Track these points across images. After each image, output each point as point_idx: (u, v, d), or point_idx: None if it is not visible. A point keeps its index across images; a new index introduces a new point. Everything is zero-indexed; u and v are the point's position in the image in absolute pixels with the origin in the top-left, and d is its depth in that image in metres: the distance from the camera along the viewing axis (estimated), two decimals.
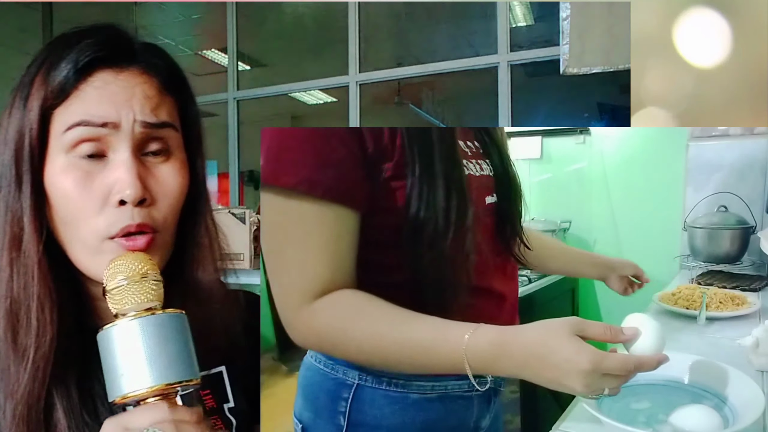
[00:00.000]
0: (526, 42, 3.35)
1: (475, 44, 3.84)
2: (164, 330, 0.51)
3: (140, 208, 0.56)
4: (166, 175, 0.58)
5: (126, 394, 0.50)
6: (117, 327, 0.51)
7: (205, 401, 0.66)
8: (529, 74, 3.41)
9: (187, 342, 0.52)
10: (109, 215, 0.55)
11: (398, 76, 3.66)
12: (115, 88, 0.56)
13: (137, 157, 0.56)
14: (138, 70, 0.58)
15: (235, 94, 3.86)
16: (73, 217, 0.56)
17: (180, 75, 0.63)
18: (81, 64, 0.55)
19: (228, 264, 0.68)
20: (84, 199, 0.55)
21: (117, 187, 0.55)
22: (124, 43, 0.59)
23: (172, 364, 0.50)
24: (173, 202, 0.59)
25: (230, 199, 3.88)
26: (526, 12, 3.85)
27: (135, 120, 0.56)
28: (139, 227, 0.56)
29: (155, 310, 0.52)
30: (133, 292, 0.52)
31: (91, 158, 0.55)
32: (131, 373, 0.50)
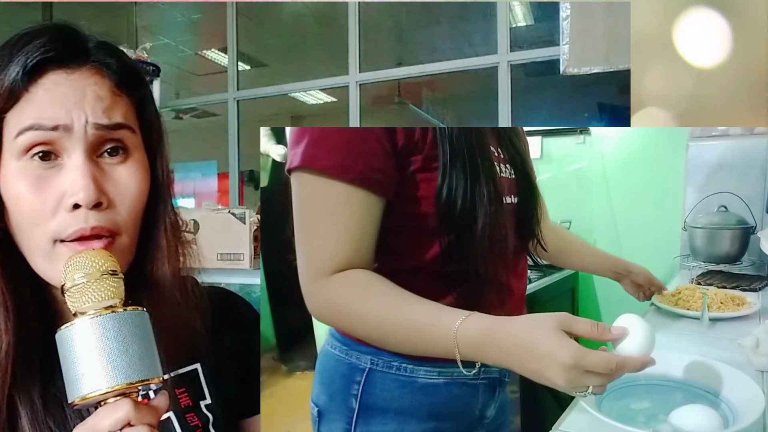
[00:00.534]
0: (526, 42, 3.35)
1: (475, 44, 3.84)
2: (124, 328, 0.49)
3: (95, 212, 0.54)
4: (123, 177, 0.57)
5: (85, 395, 0.48)
6: (75, 326, 0.49)
7: (180, 399, 0.65)
8: (529, 74, 3.41)
9: (149, 340, 0.51)
10: (62, 219, 0.54)
11: (398, 76, 3.66)
12: (66, 89, 0.54)
13: (92, 160, 0.55)
14: (90, 70, 0.56)
15: (235, 94, 3.86)
16: (27, 222, 0.55)
17: (136, 74, 0.61)
18: (30, 65, 0.53)
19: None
20: (37, 203, 0.54)
21: (70, 191, 0.53)
22: (77, 43, 0.57)
23: (133, 363, 0.49)
24: (132, 204, 0.57)
25: (230, 199, 3.88)
26: (526, 12, 3.85)
27: (87, 122, 0.54)
28: (93, 231, 0.54)
29: (115, 308, 0.50)
30: (92, 290, 0.50)
31: (44, 161, 0.54)
32: (90, 373, 0.48)
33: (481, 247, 0.80)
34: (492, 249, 0.82)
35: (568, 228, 2.70)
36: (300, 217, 0.79)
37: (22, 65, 0.53)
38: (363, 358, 0.85)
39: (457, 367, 0.83)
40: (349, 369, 0.86)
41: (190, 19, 4.78)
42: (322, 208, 0.76)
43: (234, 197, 3.89)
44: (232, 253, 2.30)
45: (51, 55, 0.54)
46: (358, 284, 0.75)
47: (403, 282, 0.75)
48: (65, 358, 0.49)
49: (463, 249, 0.80)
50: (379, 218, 0.78)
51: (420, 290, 0.74)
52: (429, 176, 0.79)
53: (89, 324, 0.49)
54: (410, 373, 0.84)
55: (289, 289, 0.78)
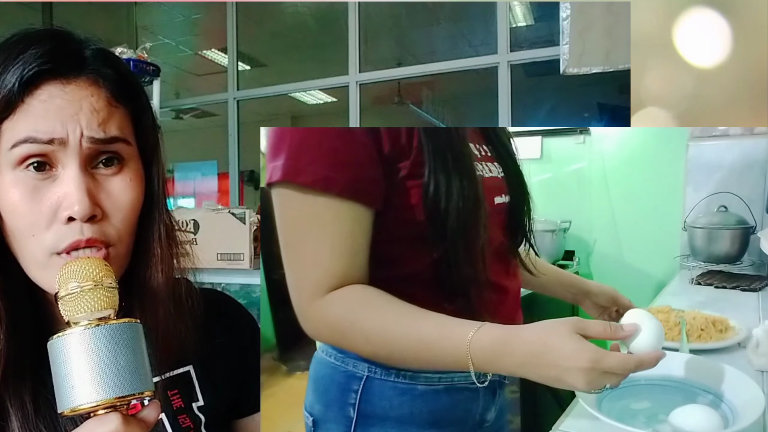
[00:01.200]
0: (526, 42, 3.35)
1: (475, 44, 3.84)
2: (117, 341, 0.49)
3: (90, 224, 0.54)
4: (118, 189, 0.57)
5: (74, 407, 0.48)
6: (67, 337, 0.49)
7: (173, 401, 0.66)
8: (529, 74, 3.40)
9: (141, 352, 0.51)
10: (57, 231, 0.54)
11: (398, 76, 3.66)
12: (62, 102, 0.54)
13: (86, 171, 0.55)
14: (86, 81, 0.56)
15: (235, 94, 3.86)
16: (22, 232, 0.54)
17: (133, 83, 0.60)
18: (26, 77, 0.53)
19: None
20: (32, 214, 0.54)
21: (65, 203, 0.53)
22: (73, 52, 0.56)
23: (124, 377, 0.48)
24: (126, 215, 0.57)
25: (230, 199, 3.88)
26: (526, 12, 3.85)
27: (83, 135, 0.54)
28: (88, 242, 0.54)
29: (108, 319, 0.50)
30: (86, 300, 0.50)
31: (39, 172, 0.54)
32: (81, 385, 0.48)
33: (475, 250, 0.79)
34: (485, 251, 0.80)
35: (568, 228, 2.70)
36: (287, 235, 0.75)
37: (19, 76, 0.53)
38: (360, 365, 0.83)
39: (458, 372, 0.82)
40: (346, 377, 0.84)
41: (190, 19, 4.78)
42: (309, 224, 0.73)
43: (234, 197, 3.89)
44: (232, 253, 2.30)
45: (47, 67, 0.54)
46: (359, 301, 0.72)
47: (399, 290, 0.73)
48: (56, 367, 0.49)
49: (458, 253, 0.78)
50: (370, 230, 0.75)
51: (417, 297, 0.73)
52: (418, 183, 0.76)
53: (81, 336, 0.49)
54: (410, 380, 0.82)
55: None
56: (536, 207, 0.96)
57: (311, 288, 0.73)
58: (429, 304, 0.72)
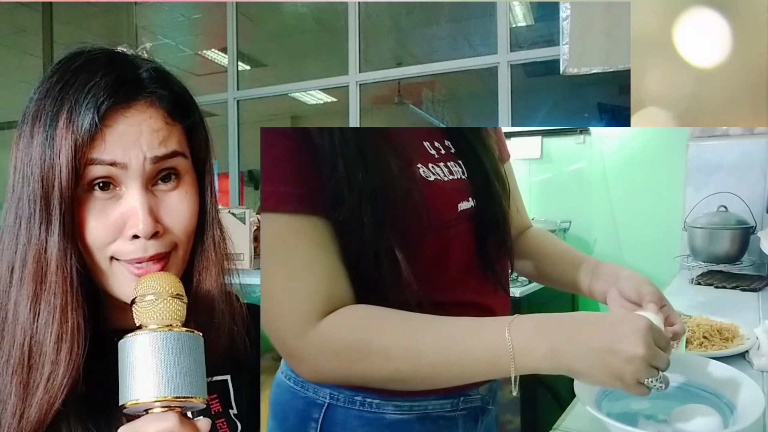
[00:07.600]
0: (526, 42, 3.35)
1: (475, 44, 3.84)
2: (182, 346, 0.53)
3: (153, 240, 0.57)
4: (176, 204, 0.59)
5: (136, 399, 0.52)
6: (140, 336, 0.53)
7: (211, 405, 0.67)
8: (529, 74, 3.40)
9: (201, 362, 0.55)
10: (122, 244, 0.57)
11: (398, 76, 3.66)
12: (123, 127, 0.56)
13: (148, 190, 0.58)
14: (144, 104, 0.57)
15: (235, 94, 3.86)
16: (90, 245, 0.57)
17: (188, 100, 0.62)
18: (102, 111, 0.55)
19: (231, 268, 0.69)
20: (99, 230, 0.57)
21: (130, 223, 0.57)
22: (132, 76, 0.58)
23: (184, 380, 0.52)
24: (185, 226, 0.60)
25: (230, 199, 3.88)
26: (526, 12, 3.84)
27: (145, 158, 0.56)
28: (151, 258, 0.58)
29: (174, 327, 0.54)
30: (159, 309, 0.54)
31: (104, 191, 0.57)
32: (144, 381, 0.52)
33: (433, 268, 0.70)
34: (447, 268, 0.71)
35: (568, 228, 2.70)
36: (265, 265, 0.68)
37: (95, 110, 0.54)
38: (321, 391, 0.75)
39: (432, 400, 0.75)
40: (305, 404, 0.77)
41: (190, 19, 4.78)
42: (278, 250, 0.66)
43: (234, 197, 3.89)
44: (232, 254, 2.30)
45: (115, 98, 0.56)
46: (368, 317, 0.65)
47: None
48: (123, 363, 0.53)
49: (417, 273, 0.68)
50: (336, 243, 0.67)
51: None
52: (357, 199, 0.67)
53: (151, 337, 0.53)
54: (376, 409, 0.74)
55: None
56: (530, 205, 0.88)
57: (299, 319, 0.65)
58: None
